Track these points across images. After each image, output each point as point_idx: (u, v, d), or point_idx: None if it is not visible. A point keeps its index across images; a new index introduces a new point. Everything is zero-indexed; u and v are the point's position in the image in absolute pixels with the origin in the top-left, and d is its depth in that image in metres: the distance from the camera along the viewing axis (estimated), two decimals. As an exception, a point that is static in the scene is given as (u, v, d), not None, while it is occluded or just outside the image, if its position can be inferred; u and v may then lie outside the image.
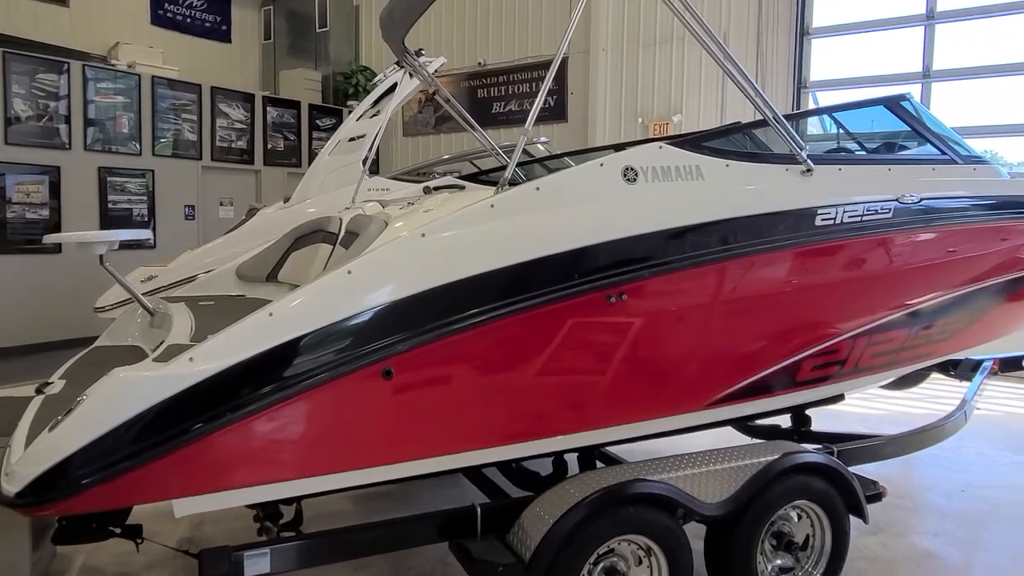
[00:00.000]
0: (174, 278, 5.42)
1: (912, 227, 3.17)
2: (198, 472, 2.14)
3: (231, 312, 3.59)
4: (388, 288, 2.32)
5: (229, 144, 10.16)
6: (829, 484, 3.05)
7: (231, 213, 10.17)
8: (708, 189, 2.79)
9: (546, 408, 2.63)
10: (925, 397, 6.09)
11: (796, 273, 2.93)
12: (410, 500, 4.37)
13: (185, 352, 2.19)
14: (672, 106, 9.73)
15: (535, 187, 2.56)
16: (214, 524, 4.04)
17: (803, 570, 3.10)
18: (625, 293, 2.60)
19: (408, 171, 7.24)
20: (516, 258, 2.45)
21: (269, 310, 2.24)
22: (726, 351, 2.90)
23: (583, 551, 2.60)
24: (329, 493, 2.66)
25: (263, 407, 2.18)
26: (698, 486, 2.84)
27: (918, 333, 3.44)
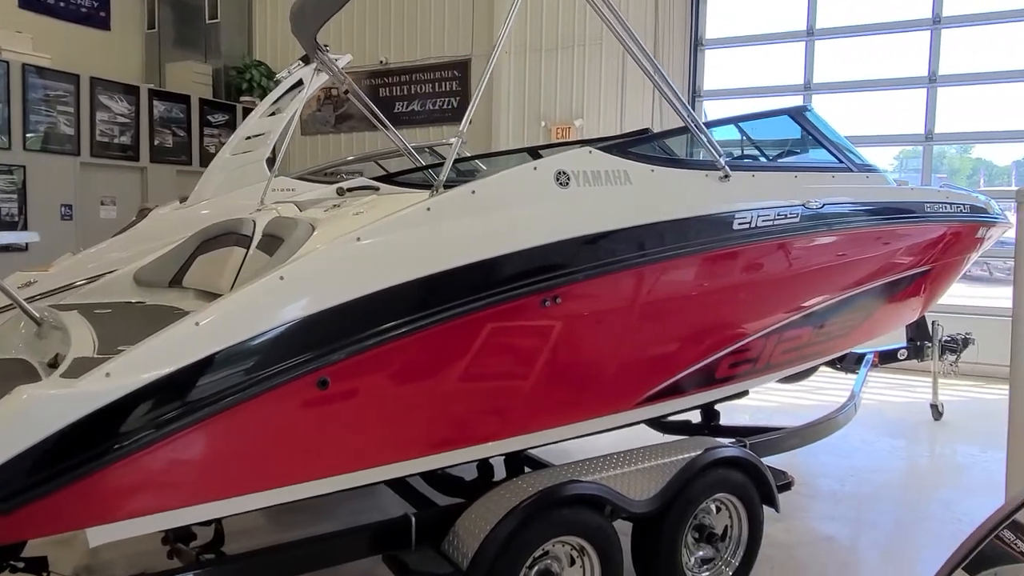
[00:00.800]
0: (57, 283, 4.98)
1: (816, 231, 3.39)
2: (119, 496, 1.98)
3: (134, 321, 3.36)
4: (324, 294, 2.23)
5: (111, 139, 9.50)
6: (746, 476, 3.21)
7: (114, 213, 9.52)
8: (636, 194, 2.87)
9: (483, 413, 2.62)
10: (811, 389, 6.51)
11: (717, 275, 3.05)
12: (328, 513, 4.22)
13: (99, 367, 2.02)
14: (574, 110, 9.92)
15: (471, 190, 2.54)
16: (112, 549, 3.76)
17: (723, 559, 3.24)
18: (559, 296, 2.63)
19: (314, 171, 7.00)
20: (454, 262, 2.42)
21: (195, 319, 2.11)
22: (654, 351, 2.99)
23: (521, 555, 2.60)
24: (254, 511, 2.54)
25: (190, 424, 2.04)
26: (627, 485, 2.91)
27: (821, 330, 3.67)
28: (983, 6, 8.05)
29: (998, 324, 7.58)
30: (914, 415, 6.41)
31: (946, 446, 5.71)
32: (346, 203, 3.18)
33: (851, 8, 8.63)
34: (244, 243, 3.53)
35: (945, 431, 6.06)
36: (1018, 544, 1.97)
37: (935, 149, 8.52)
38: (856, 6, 8.58)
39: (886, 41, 8.62)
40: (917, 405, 6.66)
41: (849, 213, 3.56)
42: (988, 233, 4.72)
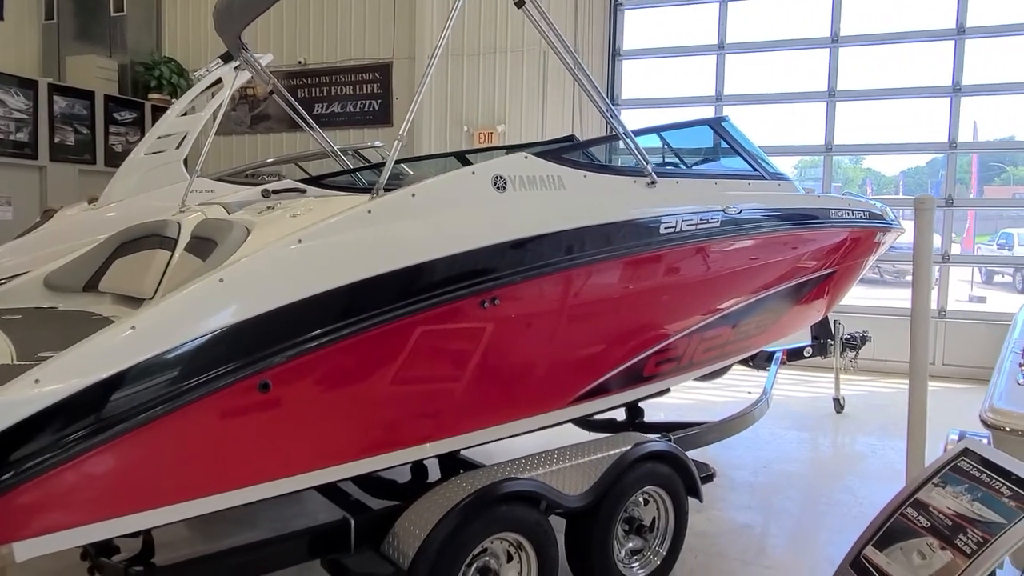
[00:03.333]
0: (-44, 288, 4.67)
1: (735, 235, 3.58)
2: (50, 508, 1.90)
3: (50, 327, 3.20)
4: (265, 297, 2.21)
5: (6, 136, 8.93)
6: (672, 469, 3.36)
7: (10, 214, 8.94)
8: (570, 198, 2.96)
9: (425, 414, 2.65)
10: (723, 387, 6.82)
11: (645, 277, 3.19)
12: (254, 522, 4.13)
13: (26, 373, 1.94)
14: (496, 116, 10.03)
15: (411, 193, 2.57)
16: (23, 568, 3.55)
17: (651, 550, 3.37)
18: (498, 298, 2.69)
19: (233, 173, 6.81)
20: (395, 265, 2.44)
21: (131, 323, 2.05)
22: (587, 350, 3.09)
23: (461, 553, 2.64)
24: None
25: (128, 430, 1.98)
26: (562, 480, 3.00)
27: (738, 329, 3.88)
28: (877, 27, 8.67)
29: (891, 323, 8.19)
30: (818, 409, 6.82)
31: (848, 437, 6.11)
32: (279, 205, 3.14)
33: (760, 23, 9.12)
34: (168, 245, 3.43)
35: (847, 423, 6.48)
36: (920, 520, 2.17)
37: (832, 160, 9.08)
38: (767, 22, 9.07)
39: (791, 57, 9.14)
40: (820, 399, 7.10)
41: (764, 218, 3.79)
42: (884, 238, 5.10)
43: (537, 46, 9.63)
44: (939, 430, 3.21)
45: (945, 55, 8.39)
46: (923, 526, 2.15)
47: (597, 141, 3.44)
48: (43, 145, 9.35)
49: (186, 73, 11.11)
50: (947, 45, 8.38)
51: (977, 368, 7.72)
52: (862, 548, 2.29)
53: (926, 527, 2.14)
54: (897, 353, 7.99)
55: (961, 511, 2.09)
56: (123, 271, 3.61)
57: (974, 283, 13.85)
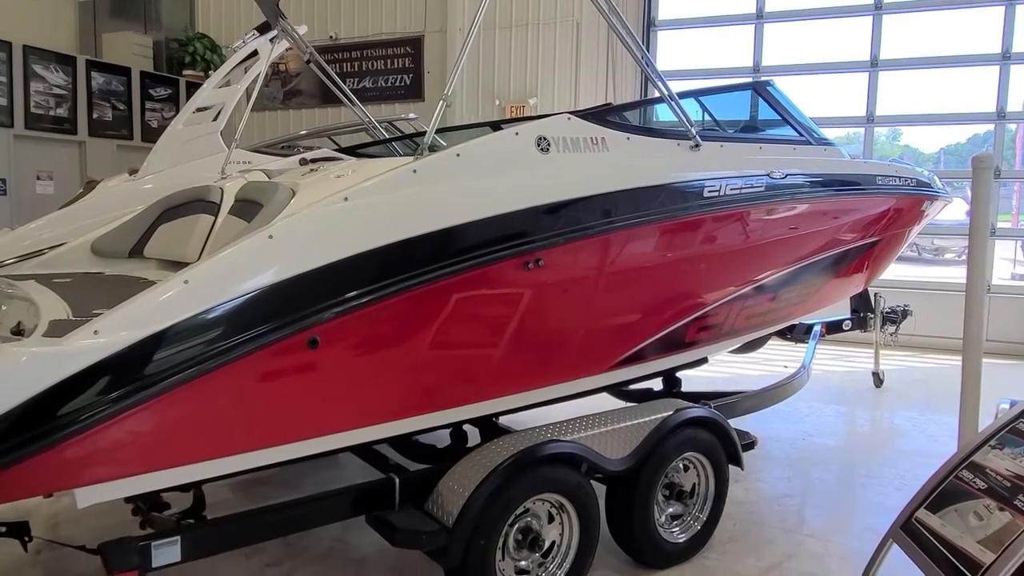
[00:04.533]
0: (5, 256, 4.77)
1: (780, 200, 3.52)
2: (110, 456, 1.95)
3: (99, 289, 3.27)
4: (313, 254, 2.22)
5: (46, 111, 9.07)
6: (713, 436, 3.34)
7: (51, 189, 9.11)
8: (613, 160, 2.93)
9: (464, 375, 2.65)
10: (757, 360, 6.75)
11: (689, 241, 3.15)
12: (296, 486, 4.20)
13: (85, 325, 1.98)
14: (528, 89, 9.94)
15: (455, 153, 2.56)
16: (74, 524, 3.67)
17: (691, 515, 3.37)
18: (541, 259, 2.67)
19: (269, 144, 6.85)
20: (440, 224, 2.44)
21: (183, 277, 2.08)
22: (630, 314, 3.07)
23: (504, 512, 2.66)
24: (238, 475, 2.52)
25: (180, 382, 2.01)
26: (604, 444, 2.99)
27: (781, 297, 3.82)
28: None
29: (932, 298, 8.02)
30: (856, 383, 6.73)
31: (888, 411, 6.01)
32: (322, 168, 3.15)
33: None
34: (211, 210, 3.46)
35: (886, 397, 6.38)
36: (976, 482, 2.13)
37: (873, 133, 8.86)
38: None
39: (831, 26, 8.91)
40: (858, 374, 6.99)
41: (809, 184, 3.71)
42: (931, 207, 4.98)
43: (570, 18, 9.50)
44: (986, 402, 3.14)
45: (995, 21, 8.11)
46: (979, 488, 2.11)
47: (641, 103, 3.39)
48: (82, 120, 9.49)
49: (219, 49, 11.17)
50: (997, 11, 8.10)
51: (1020, 344, 7.54)
52: (914, 511, 2.26)
53: (983, 489, 2.09)
54: (938, 328, 7.85)
55: (1020, 472, 2.04)
56: (167, 236, 3.66)
57: (1016, 260, 13.50)
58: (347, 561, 3.32)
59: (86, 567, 3.19)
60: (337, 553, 3.39)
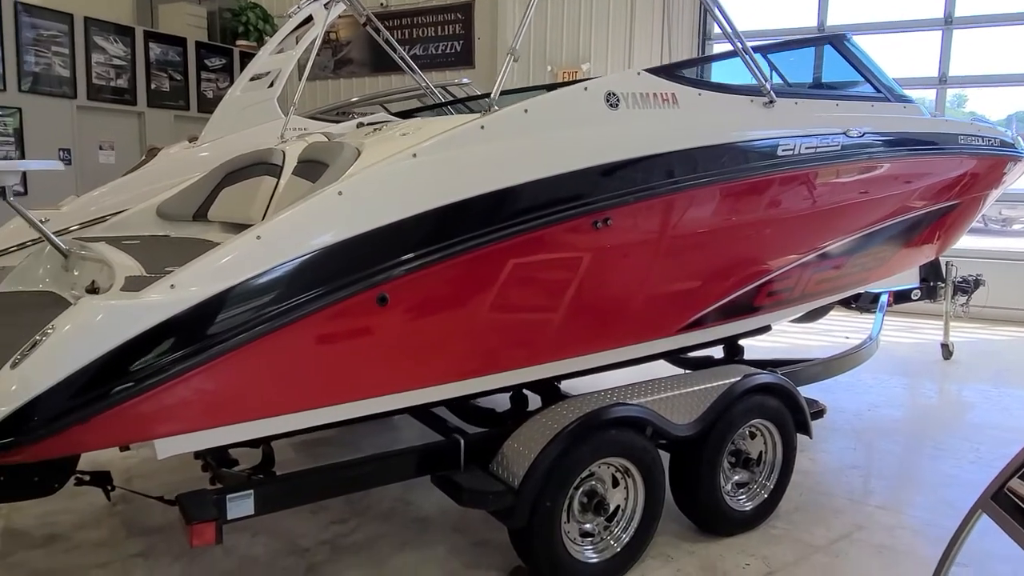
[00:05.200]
0: (72, 221, 4.90)
1: (857, 160, 3.36)
2: (188, 408, 1.97)
3: (168, 250, 3.32)
4: (382, 210, 2.20)
5: (107, 82, 9.26)
6: (781, 403, 3.24)
7: (112, 159, 9.34)
8: (684, 117, 2.82)
9: (532, 335, 2.62)
10: (817, 330, 6.56)
11: (761, 201, 3.04)
12: (355, 448, 4.26)
13: (162, 279, 1.99)
14: (581, 54, 9.75)
15: (523, 109, 2.49)
16: (146, 479, 3.79)
17: (757, 483, 3.29)
18: (610, 218, 2.60)
19: (324, 111, 6.87)
20: (508, 181, 2.38)
21: (256, 233, 2.07)
22: (699, 276, 2.98)
23: (570, 474, 2.63)
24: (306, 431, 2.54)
25: (255, 336, 2.02)
26: (670, 408, 2.93)
27: (854, 261, 3.67)
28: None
29: (1005, 268, 7.66)
30: (923, 355, 6.49)
31: (958, 384, 5.79)
32: (386, 127, 3.12)
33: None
34: (274, 172, 3.47)
35: (956, 370, 6.14)
36: (1076, 451, 2.00)
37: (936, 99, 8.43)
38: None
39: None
40: (925, 346, 6.75)
41: (888, 143, 3.53)
42: (1013, 169, 4.71)
43: (625, -17, 9.25)
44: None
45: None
46: (1081, 457, 1.98)
47: (712, 58, 3.25)
48: (141, 91, 9.67)
49: (272, 19, 11.22)
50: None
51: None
52: (1006, 481, 2.14)
53: (1085, 458, 1.97)
54: (1012, 300, 7.51)
55: None
56: (231, 199, 3.69)
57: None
58: (409, 520, 3.35)
59: (159, 520, 3.29)
60: (399, 512, 3.43)
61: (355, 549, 3.09)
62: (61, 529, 3.25)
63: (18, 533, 3.22)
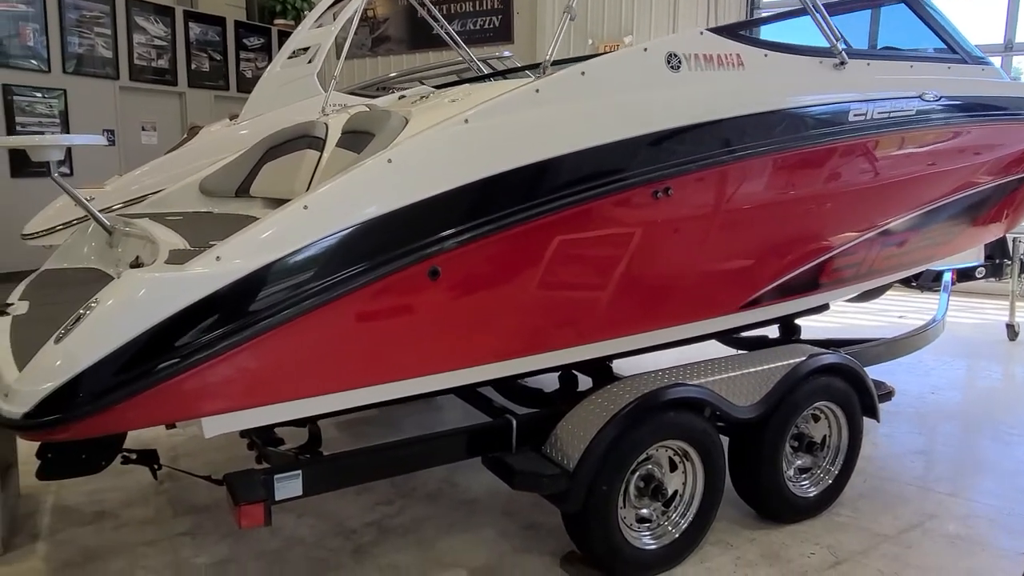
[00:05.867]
0: (117, 199, 4.91)
1: (932, 126, 3.14)
2: (235, 385, 1.89)
3: (211, 225, 3.26)
4: (434, 179, 2.08)
5: (149, 62, 9.31)
6: (849, 385, 3.07)
7: (155, 139, 9.41)
8: (749, 79, 2.65)
9: (587, 313, 2.48)
10: (870, 310, 6.28)
11: (829, 170, 2.85)
12: (395, 425, 4.19)
13: (207, 251, 1.91)
14: (623, 26, 9.49)
15: (580, 71, 2.34)
16: (192, 457, 3.77)
17: (822, 469, 3.13)
18: (671, 188, 2.45)
19: (363, 87, 6.78)
20: (566, 147, 2.25)
21: (303, 203, 1.97)
22: (762, 250, 2.81)
23: (628, 457, 2.51)
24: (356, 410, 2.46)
25: (303, 311, 1.93)
26: (731, 389, 2.79)
27: (924, 236, 3.46)
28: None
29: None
30: (987, 336, 6.20)
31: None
32: (433, 95, 3.00)
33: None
34: (317, 146, 3.38)
35: (1022, 351, 5.85)
36: None
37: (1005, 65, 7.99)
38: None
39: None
40: (988, 326, 6.45)
41: (966, 108, 3.30)
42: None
43: (669, -53, 8.95)
44: None
45: None
46: None
47: (780, 16, 3.05)
48: (181, 71, 9.71)
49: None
50: None
51: None
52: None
53: None
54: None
55: None
56: (273, 174, 3.62)
57: None
58: (457, 502, 3.27)
59: (205, 498, 3.27)
60: (446, 494, 3.35)
61: (402, 531, 3.02)
62: (109, 506, 3.25)
63: (68, 510, 3.22)
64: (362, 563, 2.78)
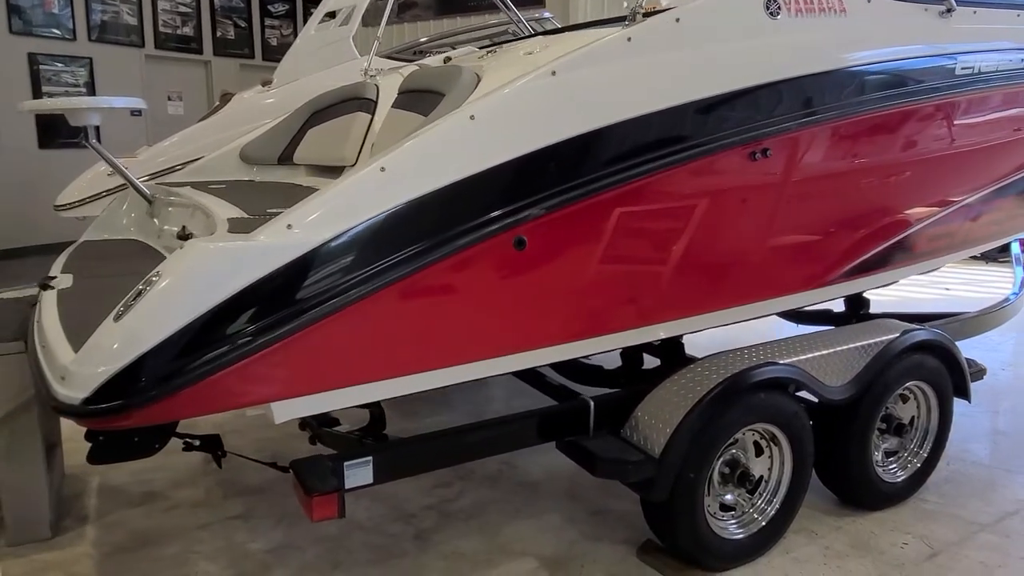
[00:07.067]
0: (152, 168, 4.73)
1: (1041, 81, 2.87)
2: (310, 367, 1.72)
3: (257, 194, 3.07)
4: (522, 137, 1.87)
5: (174, 30, 9.10)
6: (942, 363, 2.86)
7: (181, 109, 9.23)
8: (852, 26, 2.40)
9: (681, 286, 2.27)
10: (919, 283, 5.99)
11: (935, 129, 2.60)
12: (443, 404, 4.03)
13: (275, 219, 1.73)
14: (662, -13, 9.10)
15: (675, 18, 2.11)
16: (239, 435, 3.64)
17: (909, 451, 2.94)
18: (769, 149, 2.23)
19: (399, 51, 6.52)
20: (663, 102, 2.03)
21: (379, 164, 1.78)
22: (862, 216, 2.58)
23: (717, 440, 2.33)
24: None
25: (385, 284, 1.75)
26: (822, 369, 2.58)
27: (1017, 204, 3.20)
28: None
29: None
30: (1051, 310, 5.90)
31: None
32: (501, 49, 2.78)
33: None
34: (368, 108, 3.17)
35: (1094, 326, 5.57)
36: None
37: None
38: None
39: None
40: (1052, 300, 6.14)
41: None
42: None
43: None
44: None
45: None
46: None
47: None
48: (207, 39, 9.49)
49: (334, -39, 10.85)
50: None
51: None
52: None
53: None
54: None
55: None
56: (319, 140, 3.42)
57: None
58: (518, 485, 3.11)
59: (256, 479, 3.13)
60: (505, 476, 3.19)
61: (463, 516, 2.87)
62: (158, 487, 3.13)
63: (115, 491, 3.10)
64: (426, 550, 2.64)
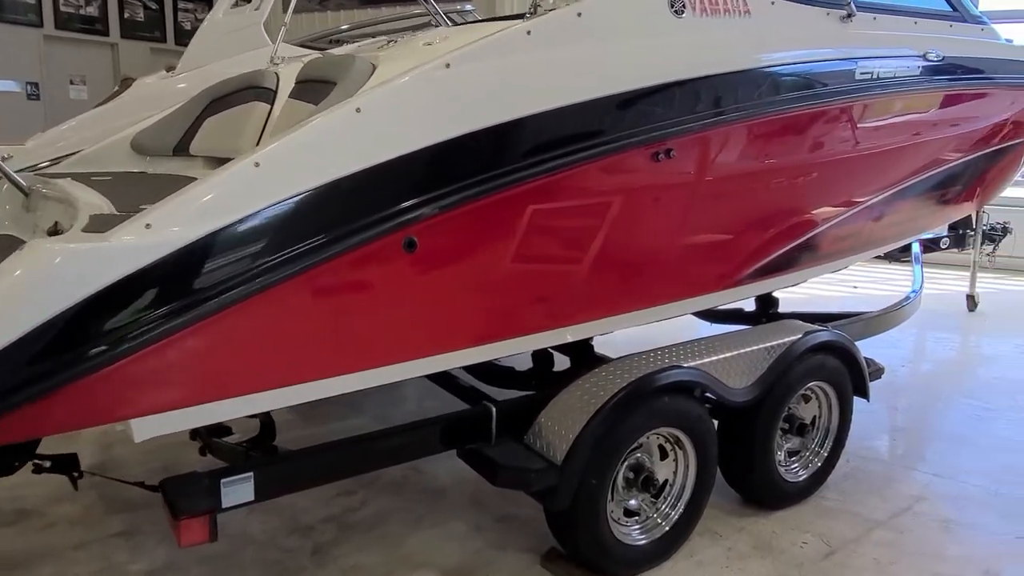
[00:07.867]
0: (38, 158, 4.39)
1: (935, 88, 2.95)
2: (174, 379, 1.58)
3: (143, 187, 2.87)
4: (411, 132, 1.77)
5: (76, 10, 8.57)
6: (842, 363, 2.91)
7: (85, 94, 8.71)
8: (756, 28, 2.39)
9: (583, 288, 2.22)
10: (828, 281, 6.19)
11: (835, 133, 2.63)
12: (351, 405, 3.88)
13: (134, 218, 1.57)
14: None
15: (576, 12, 2.04)
16: (124, 444, 3.41)
17: (810, 451, 2.98)
18: (673, 150, 2.19)
19: (315, 38, 6.29)
20: (562, 99, 1.96)
21: (253, 159, 1.65)
22: (768, 217, 2.59)
23: (621, 444, 2.30)
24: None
25: (256, 290, 1.62)
26: (726, 371, 2.58)
27: (922, 203, 3.29)
28: None
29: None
30: (947, 307, 6.20)
31: (990, 337, 5.52)
32: (402, 39, 2.66)
33: None
34: (266, 98, 3.00)
35: (985, 322, 5.89)
36: None
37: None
38: None
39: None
40: (948, 296, 6.44)
41: (967, 69, 3.12)
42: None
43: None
44: None
45: None
46: None
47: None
48: (113, 20, 8.99)
49: (252, -56, 10.43)
50: None
51: None
52: None
53: None
54: (1038, 249, 7.19)
55: None
56: (216, 130, 3.23)
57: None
58: (423, 492, 3.01)
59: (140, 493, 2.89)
60: (411, 483, 3.09)
61: (365, 527, 2.75)
62: (32, 504, 2.89)
63: (-16, 510, 2.85)
64: (324, 565, 2.51)
